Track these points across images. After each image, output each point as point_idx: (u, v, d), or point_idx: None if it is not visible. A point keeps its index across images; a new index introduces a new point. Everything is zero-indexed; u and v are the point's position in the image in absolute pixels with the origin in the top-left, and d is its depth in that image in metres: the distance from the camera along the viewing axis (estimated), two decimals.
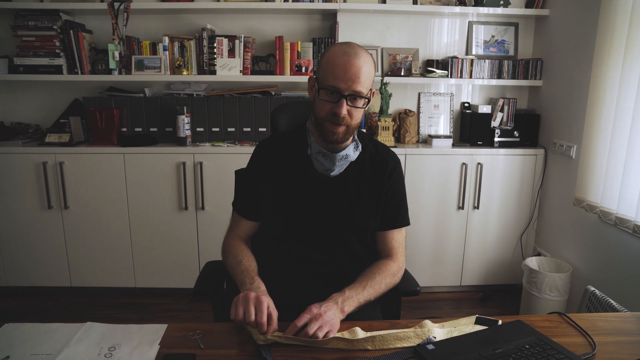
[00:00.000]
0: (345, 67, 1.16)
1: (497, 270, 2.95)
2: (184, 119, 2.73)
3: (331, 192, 1.30)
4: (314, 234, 1.31)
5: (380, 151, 1.37)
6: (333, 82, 1.18)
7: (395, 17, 2.97)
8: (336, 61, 1.18)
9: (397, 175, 1.37)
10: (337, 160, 1.26)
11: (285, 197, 1.32)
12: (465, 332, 1.03)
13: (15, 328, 1.09)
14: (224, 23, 2.93)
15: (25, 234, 2.77)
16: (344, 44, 1.22)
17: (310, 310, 1.04)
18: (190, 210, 2.76)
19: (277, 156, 1.34)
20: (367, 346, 0.98)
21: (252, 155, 1.39)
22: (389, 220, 1.35)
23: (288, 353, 0.99)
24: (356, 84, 1.17)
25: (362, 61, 1.17)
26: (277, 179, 1.33)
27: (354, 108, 1.20)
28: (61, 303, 2.83)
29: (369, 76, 1.20)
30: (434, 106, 3.05)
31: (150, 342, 1.03)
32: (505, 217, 2.89)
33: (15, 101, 3.01)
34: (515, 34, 3.01)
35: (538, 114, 2.93)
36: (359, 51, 1.19)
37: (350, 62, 1.16)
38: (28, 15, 2.69)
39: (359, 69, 1.16)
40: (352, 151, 1.29)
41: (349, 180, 1.31)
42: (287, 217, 1.32)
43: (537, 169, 2.85)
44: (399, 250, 1.36)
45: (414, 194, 2.79)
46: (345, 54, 1.18)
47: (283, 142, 1.37)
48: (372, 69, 1.21)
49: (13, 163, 2.67)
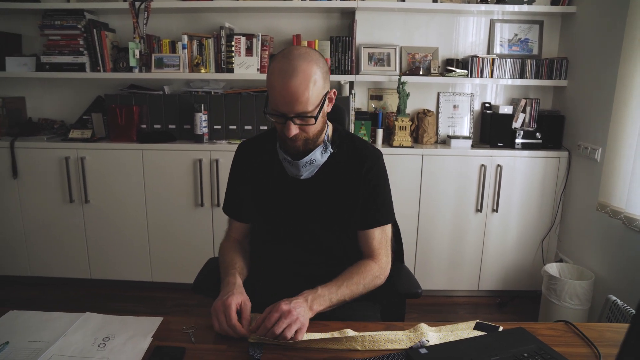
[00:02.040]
0: (282, 91, 1.10)
1: (516, 275, 2.86)
2: (202, 117, 2.76)
3: (305, 194, 1.28)
4: (293, 235, 1.29)
5: (357, 148, 1.31)
6: (275, 106, 1.13)
7: (415, 15, 2.92)
8: (274, 84, 1.11)
9: (376, 171, 1.30)
10: (301, 166, 1.23)
11: (263, 199, 1.32)
12: (462, 337, 0.99)
13: (18, 315, 1.12)
14: (243, 21, 2.95)
15: (48, 227, 2.85)
16: (283, 58, 1.12)
17: (280, 308, 1.01)
18: (206, 206, 2.78)
19: (254, 158, 1.34)
20: (357, 346, 0.96)
21: (233, 157, 1.39)
22: (368, 219, 1.29)
23: (278, 352, 0.98)
24: (297, 105, 1.11)
25: (299, 79, 1.09)
26: (254, 181, 1.33)
27: (306, 125, 1.16)
28: (81, 294, 2.91)
29: (314, 91, 1.11)
30: (454, 106, 2.99)
31: (144, 334, 1.04)
32: (525, 221, 2.80)
33: (43, 98, 3.11)
34: (539, 32, 2.92)
35: (562, 115, 2.83)
36: (297, 66, 1.09)
37: (286, 84, 1.09)
38: (55, 15, 2.78)
39: (297, 90, 1.09)
40: (319, 155, 1.24)
41: (323, 180, 1.27)
42: (265, 218, 1.32)
43: (560, 172, 2.75)
44: (381, 250, 1.30)
45: (431, 195, 2.75)
46: (282, 73, 1.10)
47: (260, 144, 1.36)
48: (318, 80, 1.12)
49: (38, 157, 2.76)
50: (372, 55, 2.91)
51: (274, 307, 1.02)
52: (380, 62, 2.92)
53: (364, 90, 3.03)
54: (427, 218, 2.78)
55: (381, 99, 3.04)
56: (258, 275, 1.32)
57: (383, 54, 2.91)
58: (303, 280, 1.16)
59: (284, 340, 0.98)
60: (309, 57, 1.13)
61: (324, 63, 1.17)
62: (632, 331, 0.74)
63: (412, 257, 2.82)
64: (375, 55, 2.91)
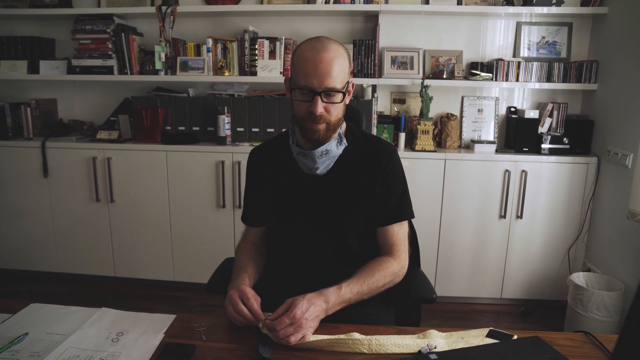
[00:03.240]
0: (314, 63, 1.12)
1: (540, 284, 2.78)
2: (225, 119, 2.80)
3: (321, 192, 1.28)
4: (310, 235, 1.29)
5: (372, 144, 1.31)
6: (304, 80, 1.14)
7: (439, 18, 2.89)
8: (305, 58, 1.14)
9: (393, 166, 1.29)
10: (317, 157, 1.22)
11: (278, 201, 1.32)
12: (472, 344, 0.97)
13: (39, 308, 1.16)
14: (267, 25, 2.98)
15: (76, 225, 2.94)
16: (313, 39, 1.17)
17: (294, 315, 1.00)
18: (227, 208, 2.81)
19: (266, 162, 1.35)
20: (363, 349, 0.95)
21: (247, 164, 1.40)
22: (387, 215, 1.28)
23: (286, 352, 0.98)
24: (328, 79, 1.12)
25: (332, 55, 1.13)
26: (268, 185, 1.33)
27: (331, 104, 1.16)
28: (105, 291, 2.98)
29: (342, 69, 1.15)
30: (478, 110, 2.94)
31: (156, 330, 1.06)
32: (551, 229, 2.72)
33: (73, 100, 3.22)
34: (568, 34, 2.84)
35: (591, 120, 2.75)
36: (328, 44, 1.14)
37: (319, 57, 1.12)
38: (86, 20, 2.87)
39: (329, 63, 1.12)
40: (335, 146, 1.24)
41: (339, 177, 1.27)
42: (281, 220, 1.32)
43: (589, 178, 2.66)
44: (401, 246, 1.28)
45: (453, 200, 2.70)
46: (314, 49, 1.13)
47: (270, 148, 1.37)
48: (345, 61, 1.16)
49: (67, 157, 2.85)
50: (395, 59, 2.89)
51: (292, 305, 1.02)
52: (404, 66, 2.89)
53: (386, 93, 3.01)
54: (449, 223, 2.74)
55: (404, 102, 3.01)
56: (274, 275, 1.32)
57: (406, 57, 2.89)
58: (319, 282, 1.15)
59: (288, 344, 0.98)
60: (336, 42, 1.19)
61: (349, 54, 1.21)
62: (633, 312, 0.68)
63: (434, 262, 2.78)
64: (399, 59, 2.89)
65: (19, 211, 2.95)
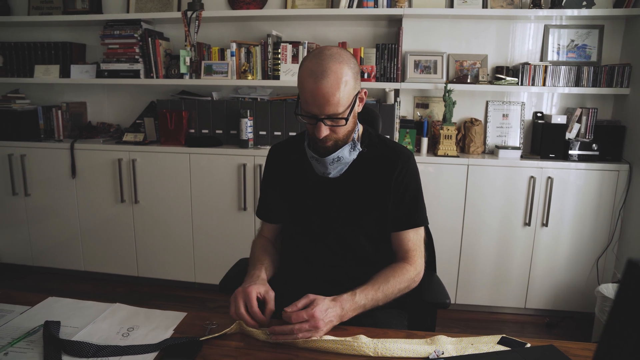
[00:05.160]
0: (313, 92, 1.09)
1: (567, 294, 2.69)
2: (247, 122, 2.82)
3: (334, 193, 1.27)
4: (321, 236, 1.28)
5: (388, 148, 1.30)
6: (306, 107, 1.13)
7: (463, 21, 2.85)
8: (305, 85, 1.11)
9: (408, 171, 1.27)
10: (328, 163, 1.22)
11: (292, 200, 1.32)
12: (482, 350, 0.94)
13: (56, 301, 1.19)
14: (290, 30, 3.00)
15: (101, 225, 3.01)
16: (314, 59, 1.12)
17: (312, 313, 0.99)
18: (249, 211, 2.83)
19: (283, 160, 1.35)
20: (369, 352, 0.93)
21: (265, 161, 1.41)
22: (402, 220, 1.26)
23: (290, 352, 0.98)
24: (329, 107, 1.11)
25: (331, 81, 1.08)
26: (284, 182, 1.33)
27: (336, 126, 1.15)
28: (128, 290, 3.03)
29: (345, 93, 1.11)
30: (503, 115, 2.88)
31: (166, 327, 1.07)
32: (578, 238, 2.63)
33: (102, 103, 3.31)
34: (599, 37, 2.75)
35: (623, 126, 2.65)
36: (328, 67, 1.09)
37: (317, 86, 1.08)
38: (115, 25, 2.95)
39: (327, 92, 1.09)
40: (347, 153, 1.23)
41: (352, 180, 1.26)
42: (294, 218, 1.32)
43: (620, 186, 2.57)
44: (416, 252, 1.26)
45: (476, 206, 2.65)
46: (312, 74, 1.09)
47: (289, 146, 1.37)
48: (349, 81, 1.11)
49: (94, 159, 2.93)
50: (419, 63, 2.86)
51: (313, 303, 1.01)
52: (427, 70, 2.86)
53: (409, 98, 2.98)
54: (472, 230, 2.68)
55: (427, 107, 2.98)
56: (285, 276, 1.32)
57: (429, 62, 2.86)
58: (330, 283, 1.15)
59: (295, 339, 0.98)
60: (339, 57, 1.12)
61: (355, 63, 1.16)
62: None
63: (455, 269, 2.72)
64: (422, 63, 2.86)
65: (49, 210, 3.05)
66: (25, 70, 3.14)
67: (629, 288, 0.54)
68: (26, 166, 3.01)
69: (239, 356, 0.96)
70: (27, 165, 3.01)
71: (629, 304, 0.54)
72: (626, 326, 0.54)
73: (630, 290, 0.53)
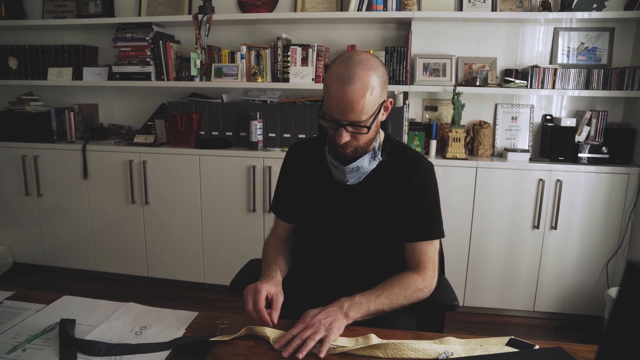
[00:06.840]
0: (338, 97, 1.09)
1: (576, 298, 2.67)
2: (257, 124, 2.85)
3: (350, 199, 1.27)
4: (334, 241, 1.29)
5: (408, 158, 1.29)
6: (329, 111, 1.13)
7: (472, 24, 2.85)
8: (330, 90, 1.10)
9: (427, 183, 1.26)
10: (347, 172, 1.23)
11: (307, 201, 1.32)
12: (490, 351, 0.95)
13: (71, 300, 1.22)
14: (300, 32, 3.02)
15: (112, 225, 3.05)
16: (342, 63, 1.11)
17: (304, 319, 1.02)
18: (258, 212, 2.85)
19: (302, 161, 1.36)
20: (379, 353, 0.94)
21: (284, 158, 1.42)
22: (417, 231, 1.26)
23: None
24: (352, 114, 1.10)
25: (358, 87, 1.08)
26: (302, 184, 1.34)
27: (358, 133, 1.16)
28: (137, 290, 3.06)
29: (369, 101, 1.10)
30: (512, 118, 2.87)
31: (178, 326, 1.09)
32: (588, 241, 2.62)
33: (114, 105, 3.35)
34: (609, 40, 2.74)
35: (633, 129, 2.64)
36: (355, 74, 1.08)
37: (343, 92, 1.08)
38: (127, 29, 2.99)
39: (352, 99, 1.08)
40: (367, 162, 1.23)
41: (370, 188, 1.26)
42: (308, 221, 1.33)
43: (630, 189, 2.55)
44: (428, 264, 1.25)
45: (484, 208, 2.65)
46: (339, 79, 1.08)
47: (310, 147, 1.37)
48: (376, 89, 1.11)
49: (105, 160, 2.97)
50: (427, 66, 2.87)
51: (300, 319, 1.04)
52: (436, 73, 2.87)
53: (418, 100, 2.99)
54: (480, 232, 2.68)
55: (436, 109, 2.98)
56: (297, 278, 1.33)
57: (438, 64, 2.87)
58: (340, 288, 1.15)
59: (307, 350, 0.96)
60: (368, 64, 1.11)
61: (384, 71, 1.15)
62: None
63: (463, 271, 2.72)
64: (431, 66, 2.87)
65: (61, 211, 3.10)
66: (39, 72, 3.19)
67: (629, 289, 0.54)
68: (39, 167, 3.05)
69: (250, 355, 0.98)
70: (40, 166, 3.05)
71: (629, 305, 0.54)
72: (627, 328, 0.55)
73: (630, 292, 0.54)
